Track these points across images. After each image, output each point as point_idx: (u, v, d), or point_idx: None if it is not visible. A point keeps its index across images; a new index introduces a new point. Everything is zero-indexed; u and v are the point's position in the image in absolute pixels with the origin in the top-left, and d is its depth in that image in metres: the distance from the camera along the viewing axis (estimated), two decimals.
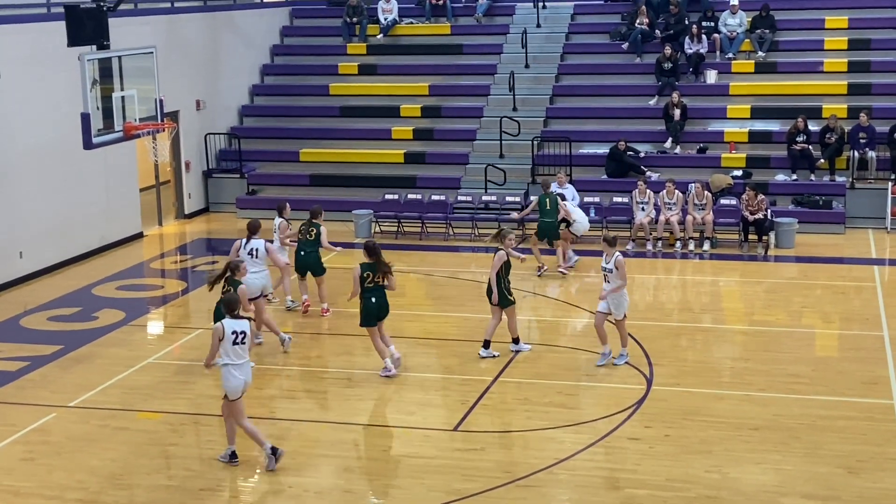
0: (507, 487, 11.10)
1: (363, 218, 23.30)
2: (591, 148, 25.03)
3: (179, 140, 24.79)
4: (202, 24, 26.29)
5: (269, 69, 29.23)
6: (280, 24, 30.23)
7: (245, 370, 11.56)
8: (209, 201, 26.31)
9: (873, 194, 22.83)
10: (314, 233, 17.47)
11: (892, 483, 10.98)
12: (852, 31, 26.62)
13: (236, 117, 27.88)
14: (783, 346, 15.54)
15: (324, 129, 27.15)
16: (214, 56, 26.69)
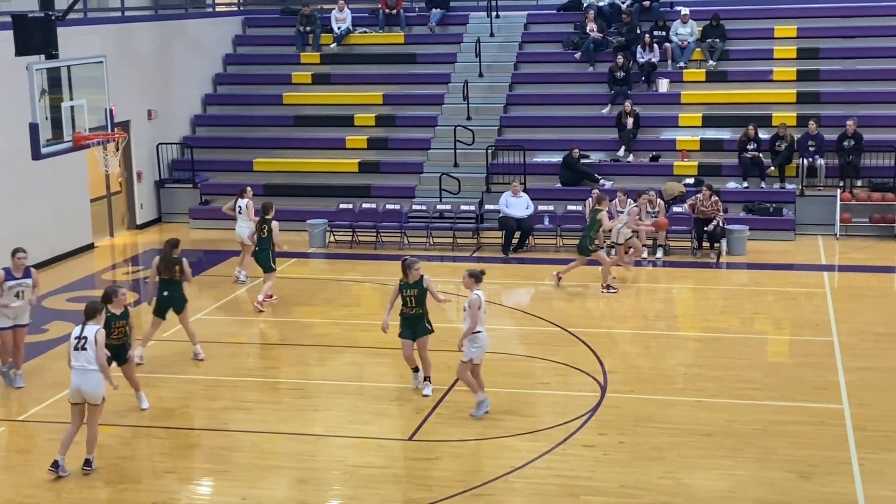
0: (463, 496, 11.09)
1: (317, 227, 23.22)
2: (546, 156, 25.14)
3: (131, 150, 24.57)
4: (153, 32, 26.10)
5: (221, 78, 29.09)
6: (232, 33, 30.09)
7: (78, 375, 11.54)
8: (161, 211, 26.11)
9: (822, 201, 23.11)
10: (266, 230, 18.25)
11: (843, 487, 11.09)
12: (801, 41, 26.98)
13: (189, 127, 27.71)
14: (735, 353, 15.67)
15: (277, 138, 27.06)
16: (166, 65, 26.50)
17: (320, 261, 22.41)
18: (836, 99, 25.38)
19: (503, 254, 22.01)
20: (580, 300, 19.16)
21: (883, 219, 22.66)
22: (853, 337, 16.08)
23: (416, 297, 13.63)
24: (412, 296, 13.64)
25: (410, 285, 13.63)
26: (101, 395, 11.69)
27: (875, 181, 23.12)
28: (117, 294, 12.82)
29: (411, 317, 13.74)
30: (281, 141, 26.96)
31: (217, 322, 17.79)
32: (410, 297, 13.65)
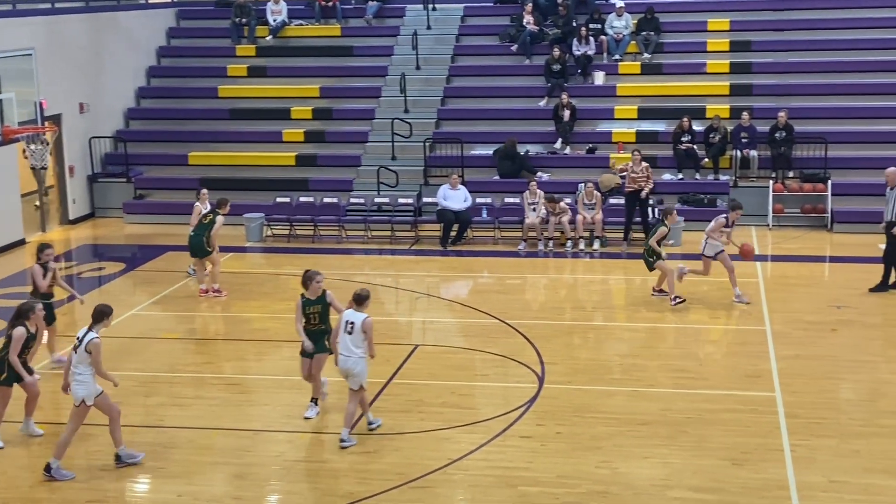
0: (401, 489, 11.10)
1: (254, 221, 23.07)
2: (483, 149, 25.19)
3: (62, 144, 24.23)
4: (84, 25, 25.72)
5: (155, 71, 28.76)
6: (166, 26, 29.77)
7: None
8: (95, 206, 25.77)
9: (756, 192, 23.42)
10: (209, 219, 18.49)
11: (775, 473, 11.26)
12: (734, 33, 27.31)
13: (122, 120, 27.38)
14: (671, 342, 15.86)
15: (213, 131, 26.83)
16: (98, 58, 26.13)
17: (257, 255, 22.27)
18: (768, 91, 25.74)
19: (441, 246, 22.05)
20: (517, 292, 19.26)
21: (814, 209, 23.03)
22: (785, 325, 16.34)
23: (320, 314, 12.77)
24: (316, 312, 12.76)
25: (313, 301, 12.75)
26: (80, 396, 11.48)
27: (806, 172, 23.48)
28: (34, 310, 12.34)
29: (312, 332, 12.82)
30: (216, 134, 26.74)
31: (153, 317, 17.62)
32: (314, 313, 12.76)
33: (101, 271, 20.84)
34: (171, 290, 19.04)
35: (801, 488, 10.90)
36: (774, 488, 10.94)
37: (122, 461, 11.77)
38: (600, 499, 10.81)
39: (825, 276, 20.12)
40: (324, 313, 12.78)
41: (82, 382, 11.46)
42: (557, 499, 10.82)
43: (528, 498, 10.86)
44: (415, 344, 15.90)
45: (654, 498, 10.84)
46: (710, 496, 10.81)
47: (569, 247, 21.59)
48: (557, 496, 10.86)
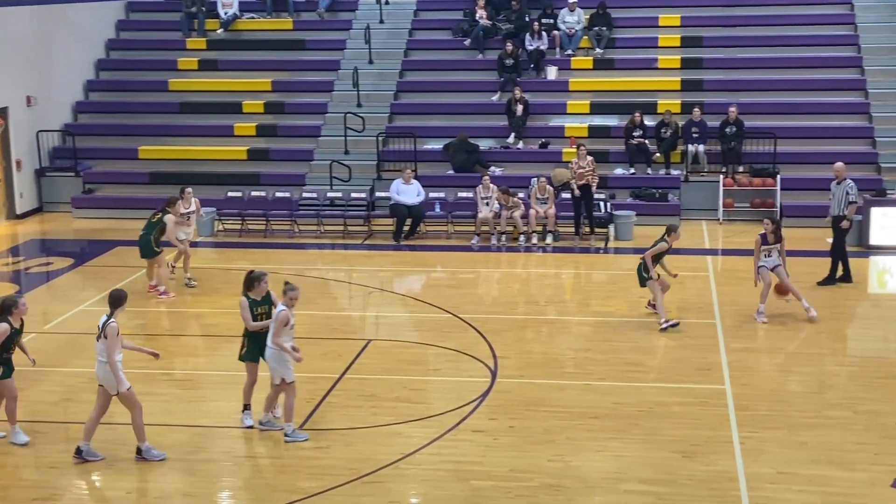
0: (353, 484, 11.08)
1: (205, 216, 22.85)
2: (436, 143, 25.18)
3: (9, 137, 23.91)
4: (31, 16, 25.37)
5: (104, 64, 28.45)
6: (115, 18, 29.44)
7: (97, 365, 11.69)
8: (43, 201, 25.45)
9: (706, 187, 23.62)
10: (157, 218, 18.21)
11: (724, 465, 11.37)
12: (685, 29, 27.47)
13: (70, 114, 27.06)
14: (623, 336, 15.94)
15: (163, 125, 26.60)
16: (45, 50, 25.80)
17: (209, 250, 22.11)
18: (719, 87, 25.93)
19: (394, 241, 22.02)
20: (470, 287, 19.29)
21: (763, 203, 23.25)
22: (735, 319, 16.49)
23: (268, 314, 12.34)
24: (263, 313, 12.38)
25: (259, 302, 12.39)
26: (113, 385, 11.55)
27: (756, 167, 23.70)
28: (17, 305, 12.14)
29: (259, 335, 12.39)
30: (167, 128, 26.51)
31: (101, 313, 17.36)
32: (262, 314, 12.38)
33: (48, 266, 20.58)
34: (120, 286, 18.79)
35: (749, 480, 11.01)
36: (724, 480, 11.04)
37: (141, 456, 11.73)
38: (553, 492, 10.85)
39: None
40: (270, 313, 12.44)
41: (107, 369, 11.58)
42: (510, 492, 10.84)
43: (481, 492, 10.88)
44: (368, 339, 15.86)
45: (606, 491, 10.91)
46: (660, 488, 10.89)
47: (522, 241, 21.64)
48: (510, 490, 10.89)
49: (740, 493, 10.74)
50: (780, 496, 10.68)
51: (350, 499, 10.79)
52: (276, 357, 12.03)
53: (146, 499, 10.93)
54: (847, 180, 18.53)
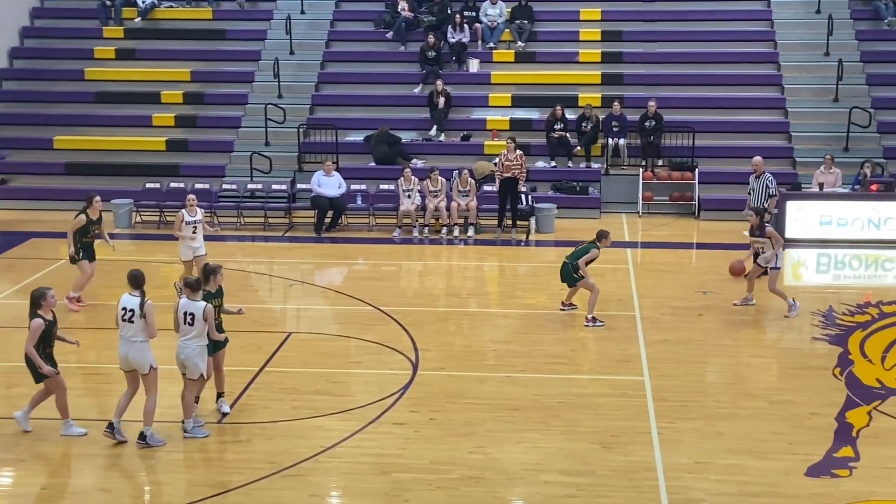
0: (273, 478, 10.99)
1: (123, 207, 22.58)
2: (358, 135, 25.09)
3: None
4: None
5: (18, 52, 27.87)
6: (29, 6, 28.85)
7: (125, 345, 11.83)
8: None
9: (626, 180, 23.90)
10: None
11: (643, 456, 11.51)
12: (605, 23, 27.73)
13: None
14: (543, 328, 16.03)
15: (79, 115, 26.16)
16: None
17: (126, 241, 21.72)
18: (638, 81, 26.22)
19: (316, 233, 21.91)
20: (392, 279, 19.26)
21: (682, 197, 23.59)
22: (654, 311, 16.70)
23: (220, 307, 12.39)
24: (217, 305, 12.30)
25: (213, 294, 12.32)
26: (147, 364, 11.66)
27: (675, 160, 24.03)
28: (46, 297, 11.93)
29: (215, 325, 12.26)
30: (83, 118, 26.06)
31: (16, 306, 17.03)
32: (216, 306, 12.27)
33: None
34: (35, 278, 18.46)
35: (667, 469, 11.16)
36: (642, 470, 11.18)
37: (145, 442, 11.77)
38: (473, 484, 10.89)
39: (692, 262, 20.60)
40: (222, 306, 12.52)
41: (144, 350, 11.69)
42: (430, 485, 10.85)
43: (402, 484, 10.88)
44: (288, 331, 15.76)
45: (526, 482, 10.97)
46: (580, 479, 10.98)
47: (443, 233, 21.67)
48: (430, 482, 10.90)
49: (658, 483, 10.88)
50: (697, 485, 10.84)
51: (271, 493, 10.72)
52: (201, 353, 11.94)
53: (62, 495, 10.73)
54: (766, 174, 18.92)
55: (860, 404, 12.99)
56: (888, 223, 21.19)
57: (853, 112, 24.12)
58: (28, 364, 11.91)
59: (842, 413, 12.72)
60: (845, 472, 11.17)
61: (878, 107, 24.84)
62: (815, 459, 11.44)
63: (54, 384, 11.99)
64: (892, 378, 13.85)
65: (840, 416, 12.62)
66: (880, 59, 26.19)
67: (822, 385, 13.65)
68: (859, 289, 18.27)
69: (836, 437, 12.03)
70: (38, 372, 11.88)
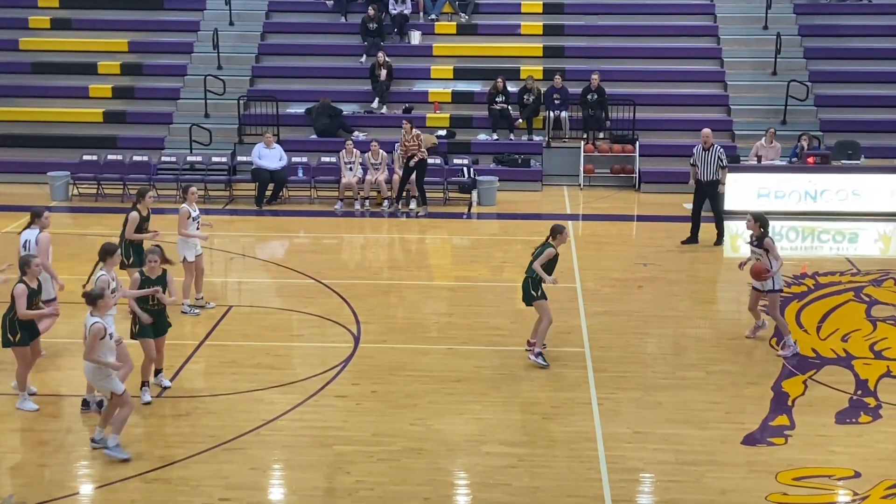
0: (213, 452, 10.95)
1: (59, 180, 22.25)
2: (299, 108, 24.90)
3: None
4: None
5: None
6: None
7: None
8: None
9: (567, 153, 23.99)
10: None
11: (583, 426, 11.61)
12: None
13: None
14: (485, 300, 16.08)
15: (14, 86, 25.70)
16: None
17: (63, 214, 21.45)
18: (581, 53, 26.27)
19: (257, 206, 21.76)
20: (334, 252, 19.21)
21: (623, 169, 23.74)
22: (595, 283, 16.82)
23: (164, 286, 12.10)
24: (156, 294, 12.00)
25: (153, 280, 12.06)
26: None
27: (616, 133, 24.16)
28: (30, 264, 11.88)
29: (152, 312, 12.02)
30: (18, 89, 25.61)
31: None
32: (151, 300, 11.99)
33: None
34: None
35: (607, 439, 11.28)
36: (582, 440, 11.28)
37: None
38: (415, 455, 10.92)
39: (633, 234, 20.76)
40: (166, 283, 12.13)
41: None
42: (372, 457, 10.87)
43: (344, 457, 10.88)
44: (229, 304, 15.65)
45: (467, 453, 11.03)
46: (521, 450, 11.06)
47: (385, 206, 21.62)
48: (372, 454, 10.92)
49: (598, 453, 10.99)
50: (636, 455, 10.97)
51: (211, 466, 10.67)
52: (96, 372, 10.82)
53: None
54: (715, 146, 19.08)
55: (796, 374, 13.21)
56: (824, 195, 21.50)
57: (791, 85, 24.40)
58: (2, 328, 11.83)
59: (778, 382, 12.93)
60: (781, 441, 11.37)
61: (816, 80, 25.16)
62: (751, 428, 11.62)
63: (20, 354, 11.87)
64: (827, 348, 14.10)
65: (776, 386, 12.82)
66: (818, 32, 26.51)
67: (759, 356, 13.86)
68: (796, 260, 18.53)
69: (773, 406, 12.23)
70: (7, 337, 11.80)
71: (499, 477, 10.50)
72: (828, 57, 25.91)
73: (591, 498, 10.10)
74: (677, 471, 10.71)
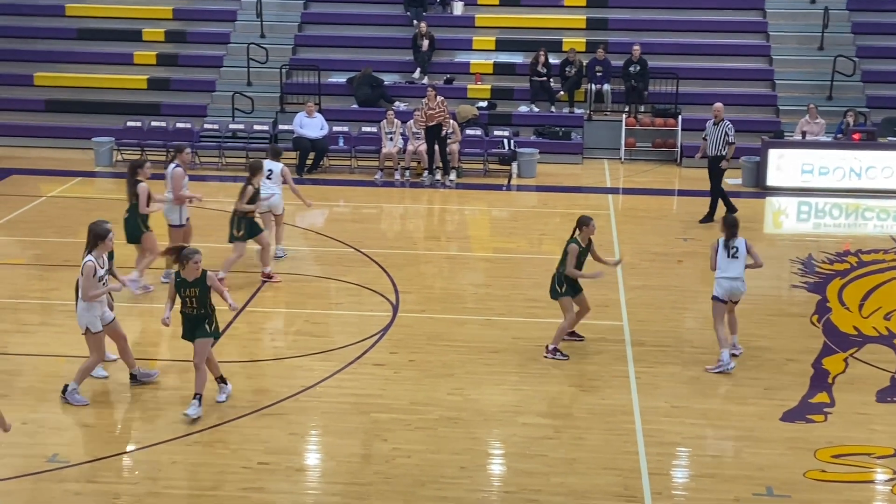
0: (252, 416, 11.07)
1: (104, 146, 22.44)
2: (340, 77, 24.93)
3: None
4: None
5: None
6: None
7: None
8: None
9: (609, 126, 23.86)
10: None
11: (619, 399, 11.62)
12: None
13: None
14: (523, 272, 16.08)
15: (60, 51, 25.88)
16: None
17: (107, 180, 21.67)
18: (624, 26, 26.04)
19: (297, 174, 21.78)
20: (374, 221, 19.27)
21: (664, 143, 23.58)
22: (634, 257, 16.74)
23: (198, 297, 11.01)
24: (192, 296, 11.01)
25: (189, 283, 10.98)
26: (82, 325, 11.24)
27: (658, 107, 23.98)
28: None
29: (190, 318, 11.16)
30: (63, 55, 25.79)
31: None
32: (190, 297, 11.02)
33: None
34: (15, 215, 18.40)
35: (644, 413, 11.28)
36: (619, 413, 11.29)
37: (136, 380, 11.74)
38: (451, 424, 10.98)
39: (673, 208, 20.65)
40: (202, 297, 11.00)
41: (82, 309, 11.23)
42: (409, 425, 10.94)
43: (380, 424, 10.96)
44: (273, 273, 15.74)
45: (504, 423, 11.07)
46: (557, 421, 11.09)
47: (425, 177, 21.62)
48: (409, 422, 10.99)
49: (635, 426, 11.00)
50: (674, 429, 10.96)
51: (251, 430, 10.79)
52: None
53: (42, 429, 10.77)
54: (725, 121, 18.84)
55: (837, 351, 13.13)
56: (869, 172, 21.26)
57: (838, 60, 24.09)
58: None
59: (818, 360, 12.86)
60: (820, 418, 11.32)
61: (863, 56, 24.81)
62: (790, 405, 11.58)
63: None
64: (869, 326, 13.99)
65: (816, 363, 12.75)
66: (866, 6, 26.08)
67: (799, 332, 13.78)
68: (839, 237, 18.38)
69: (812, 383, 12.17)
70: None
71: (535, 448, 10.54)
72: (876, 32, 25.53)
73: (627, 471, 10.12)
74: (715, 446, 10.71)
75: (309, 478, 10.12)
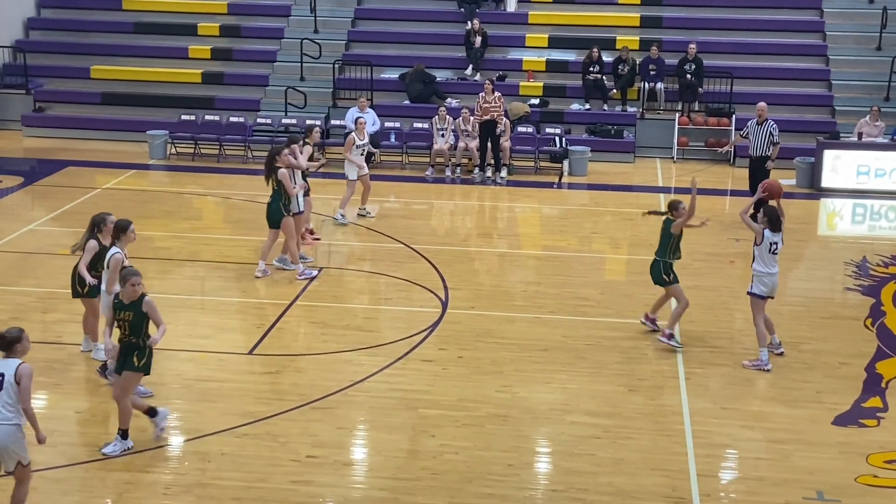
0: (302, 410, 11.12)
1: (158, 139, 22.66)
2: (393, 73, 24.98)
3: None
4: None
5: None
6: None
7: None
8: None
9: (662, 125, 23.69)
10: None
11: (669, 400, 11.54)
12: None
13: (22, 30, 26.50)
14: (573, 271, 16.03)
15: (116, 45, 26.15)
16: None
17: (161, 173, 21.89)
18: (678, 24, 25.85)
19: None
20: (425, 217, 19.29)
21: (717, 143, 23.36)
22: (685, 256, 16.36)
23: (131, 323, 9.99)
24: (126, 319, 10.00)
25: (125, 306, 10.00)
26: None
27: (711, 106, 23.78)
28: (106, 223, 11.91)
29: (121, 344, 10.20)
30: (120, 48, 26.06)
31: (51, 233, 17.26)
32: (124, 320, 10.01)
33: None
34: (70, 206, 18.64)
35: (693, 414, 11.19)
36: (668, 413, 11.21)
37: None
38: (499, 422, 10.97)
39: (726, 209, 20.46)
40: (136, 323, 10.00)
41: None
42: (457, 421, 10.94)
43: (428, 420, 10.97)
44: (319, 266, 15.83)
45: (552, 421, 11.04)
46: (606, 421, 11.04)
47: (476, 173, 21.61)
48: (457, 419, 10.99)
49: (684, 427, 10.91)
50: (723, 430, 10.87)
51: (299, 424, 10.85)
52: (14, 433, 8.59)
53: (95, 418, 10.91)
54: (769, 121, 18.61)
55: (891, 355, 12.95)
56: None
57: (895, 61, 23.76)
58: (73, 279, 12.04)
59: (871, 364, 12.68)
60: (873, 423, 11.18)
61: None
62: (842, 409, 11.44)
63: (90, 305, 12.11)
64: None
65: (870, 367, 12.59)
66: None
67: (852, 335, 13.60)
68: (894, 240, 18.10)
69: (865, 387, 12.01)
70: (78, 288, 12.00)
71: (583, 447, 10.50)
72: None
73: (675, 472, 10.05)
74: (765, 448, 10.60)
75: (356, 472, 10.16)
